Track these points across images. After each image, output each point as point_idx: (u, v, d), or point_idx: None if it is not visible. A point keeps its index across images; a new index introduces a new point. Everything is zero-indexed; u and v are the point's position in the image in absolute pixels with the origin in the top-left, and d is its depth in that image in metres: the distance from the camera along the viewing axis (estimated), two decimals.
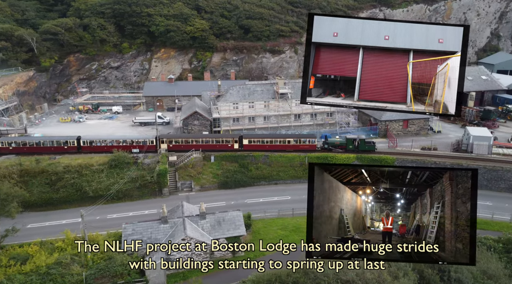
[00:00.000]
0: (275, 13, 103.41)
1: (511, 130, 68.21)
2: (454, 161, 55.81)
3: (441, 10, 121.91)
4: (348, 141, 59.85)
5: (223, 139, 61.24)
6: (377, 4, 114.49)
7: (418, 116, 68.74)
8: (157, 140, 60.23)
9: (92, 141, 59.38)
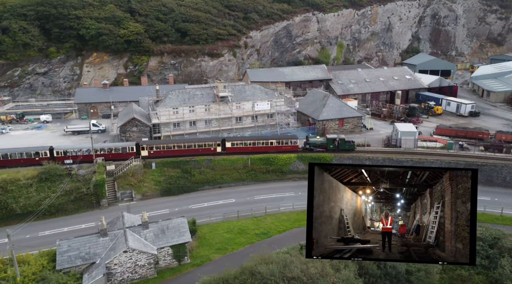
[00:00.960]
0: (212, 16, 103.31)
1: (433, 124, 74.66)
2: (386, 155, 59.79)
3: (368, 14, 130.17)
4: (329, 141, 60.74)
5: (206, 143, 60.18)
6: (310, 9, 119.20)
7: (352, 115, 72.79)
8: (138, 147, 57.66)
9: (66, 151, 55.58)
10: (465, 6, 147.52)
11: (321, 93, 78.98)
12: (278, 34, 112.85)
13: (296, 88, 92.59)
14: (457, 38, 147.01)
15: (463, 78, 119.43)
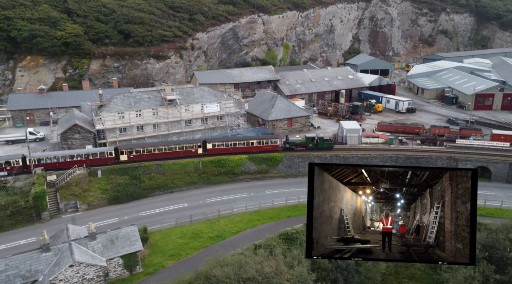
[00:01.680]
0: (156, 17, 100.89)
1: (375, 121, 78.87)
2: (333, 153, 62.10)
3: (311, 16, 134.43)
4: (308, 140, 61.56)
5: (187, 145, 59.26)
6: (255, 11, 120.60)
7: (300, 114, 74.75)
8: (117, 151, 55.71)
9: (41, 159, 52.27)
10: (399, 9, 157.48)
11: (269, 94, 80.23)
12: (225, 35, 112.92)
13: (245, 89, 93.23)
14: (393, 39, 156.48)
15: (400, 76, 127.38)
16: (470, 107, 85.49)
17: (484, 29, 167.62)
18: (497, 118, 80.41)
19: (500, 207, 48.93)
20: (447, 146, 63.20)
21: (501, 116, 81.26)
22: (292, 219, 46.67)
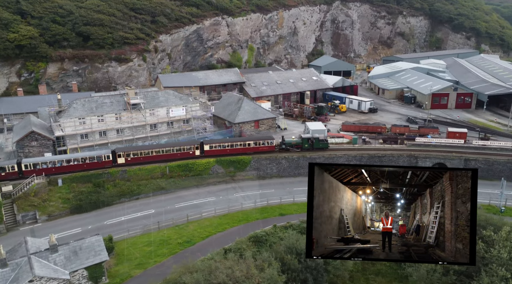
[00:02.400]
0: (117, 19, 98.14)
1: (339, 122, 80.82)
2: (300, 153, 62.98)
3: (274, 19, 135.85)
4: (304, 140, 62.69)
5: (184, 147, 59.59)
6: (219, 13, 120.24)
7: (267, 116, 75.25)
8: (114, 154, 55.59)
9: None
10: (359, 12, 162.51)
11: (235, 96, 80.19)
12: (189, 38, 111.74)
13: (211, 92, 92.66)
14: (354, 41, 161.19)
15: (361, 77, 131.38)
16: (427, 106, 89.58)
17: (438, 32, 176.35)
18: (452, 116, 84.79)
19: None
20: (408, 145, 65.86)
21: (455, 114, 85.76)
22: (261, 221, 46.87)
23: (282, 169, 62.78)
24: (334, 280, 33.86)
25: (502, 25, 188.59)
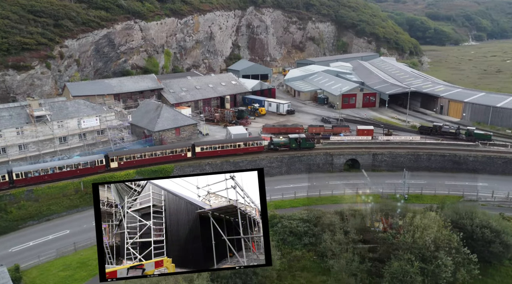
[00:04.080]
0: (12, 23, 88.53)
1: (260, 124, 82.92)
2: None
3: (190, 23, 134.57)
4: (291, 141, 65.11)
5: (176, 149, 60.38)
6: (131, 17, 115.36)
7: (188, 122, 74.14)
8: (107, 158, 55.14)
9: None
10: (272, 18, 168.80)
11: (154, 103, 77.62)
12: (99, 43, 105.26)
13: (127, 100, 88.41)
14: (269, 46, 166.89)
15: (278, 80, 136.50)
16: (339, 106, 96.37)
17: (344, 36, 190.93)
18: (360, 115, 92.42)
19: (368, 193, 56.22)
20: (323, 143, 70.04)
21: (363, 113, 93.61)
22: None
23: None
24: (263, 282, 34.63)
25: (396, 30, 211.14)
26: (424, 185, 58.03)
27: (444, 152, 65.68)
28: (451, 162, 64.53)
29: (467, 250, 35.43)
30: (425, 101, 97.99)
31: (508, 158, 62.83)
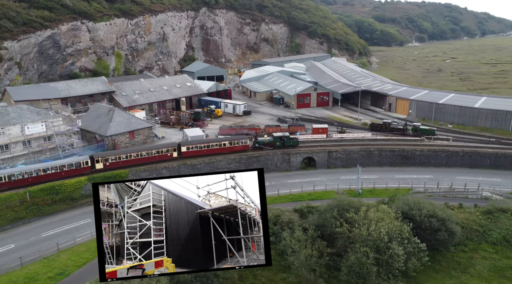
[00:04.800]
0: None
1: (217, 126, 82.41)
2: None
3: (141, 24, 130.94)
4: (276, 139, 66.77)
5: (162, 149, 60.57)
6: (77, 17, 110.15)
7: (142, 126, 72.03)
8: (92, 160, 55.22)
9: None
10: (226, 19, 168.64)
11: (105, 107, 74.60)
12: (43, 44, 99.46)
13: (75, 104, 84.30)
14: (224, 47, 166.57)
15: (234, 82, 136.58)
16: (294, 106, 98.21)
17: (297, 37, 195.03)
18: (315, 114, 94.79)
19: (325, 189, 57.81)
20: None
21: (317, 112, 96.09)
22: None
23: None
24: (225, 283, 34.41)
25: (346, 32, 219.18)
26: (376, 180, 60.62)
27: (393, 147, 69.02)
28: (400, 157, 67.97)
29: (417, 239, 37.39)
30: (374, 99, 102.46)
31: (450, 151, 67.28)
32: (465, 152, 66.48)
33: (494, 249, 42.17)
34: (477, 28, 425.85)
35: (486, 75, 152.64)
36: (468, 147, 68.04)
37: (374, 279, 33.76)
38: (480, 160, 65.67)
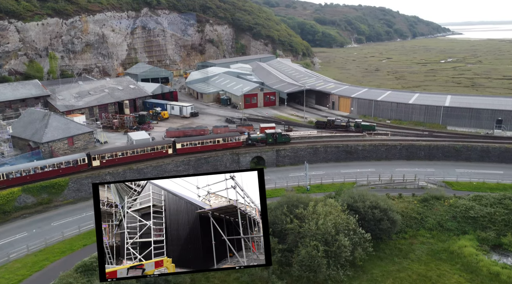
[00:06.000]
0: None
1: (163, 128, 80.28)
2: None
3: (78, 24, 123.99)
4: (268, 136, 68.98)
5: (158, 146, 62.10)
6: (4, 16, 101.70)
7: (82, 131, 68.13)
8: (89, 157, 56.15)
9: None
10: (169, 20, 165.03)
11: (39, 112, 69.56)
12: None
13: (5, 109, 77.71)
14: (168, 48, 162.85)
15: (180, 83, 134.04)
16: (241, 107, 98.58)
17: (242, 39, 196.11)
18: (262, 113, 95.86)
19: (274, 187, 58.63)
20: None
21: (264, 112, 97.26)
22: (89, 247, 42.19)
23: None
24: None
25: (290, 33, 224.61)
26: (323, 175, 62.65)
27: (338, 143, 71.77)
28: (344, 152, 70.88)
29: (362, 230, 39.18)
30: (319, 98, 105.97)
31: (389, 145, 71.40)
32: (402, 145, 70.93)
33: (431, 234, 45.42)
34: (408, 30, 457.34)
35: (418, 74, 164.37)
36: (405, 140, 72.66)
37: (325, 271, 34.81)
38: (415, 152, 70.40)
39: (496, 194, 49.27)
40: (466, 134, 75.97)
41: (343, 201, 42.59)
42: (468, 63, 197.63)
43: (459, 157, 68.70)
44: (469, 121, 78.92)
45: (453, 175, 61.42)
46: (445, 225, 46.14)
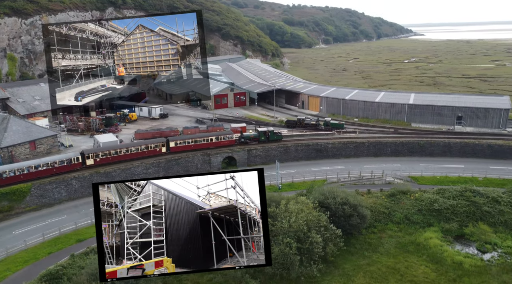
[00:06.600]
0: None
1: (132, 131, 78.39)
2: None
3: (38, 24, 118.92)
4: (260, 134, 70.06)
5: (151, 145, 62.48)
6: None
7: (45, 135, 65.39)
8: (83, 156, 56.49)
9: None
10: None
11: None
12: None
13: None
14: None
15: (148, 84, 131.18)
16: (212, 107, 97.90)
17: (211, 39, 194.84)
18: (233, 113, 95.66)
19: None
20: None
21: (235, 112, 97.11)
22: (55, 254, 40.60)
23: (73, 191, 56.17)
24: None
25: (259, 34, 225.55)
26: (294, 174, 63.30)
27: (308, 142, 72.74)
28: (315, 151, 71.91)
29: (333, 226, 39.87)
30: (288, 97, 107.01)
31: (358, 143, 73.13)
32: (370, 142, 72.84)
33: (398, 228, 46.88)
34: (373, 31, 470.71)
35: (383, 73, 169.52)
36: (372, 138, 74.68)
37: (298, 268, 35.12)
38: (382, 149, 72.50)
39: (458, 187, 51.52)
40: (429, 131, 79.04)
41: (314, 198, 43.15)
42: (430, 63, 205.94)
43: (423, 153, 71.36)
44: (432, 118, 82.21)
45: (418, 170, 63.72)
46: (412, 218, 47.76)
